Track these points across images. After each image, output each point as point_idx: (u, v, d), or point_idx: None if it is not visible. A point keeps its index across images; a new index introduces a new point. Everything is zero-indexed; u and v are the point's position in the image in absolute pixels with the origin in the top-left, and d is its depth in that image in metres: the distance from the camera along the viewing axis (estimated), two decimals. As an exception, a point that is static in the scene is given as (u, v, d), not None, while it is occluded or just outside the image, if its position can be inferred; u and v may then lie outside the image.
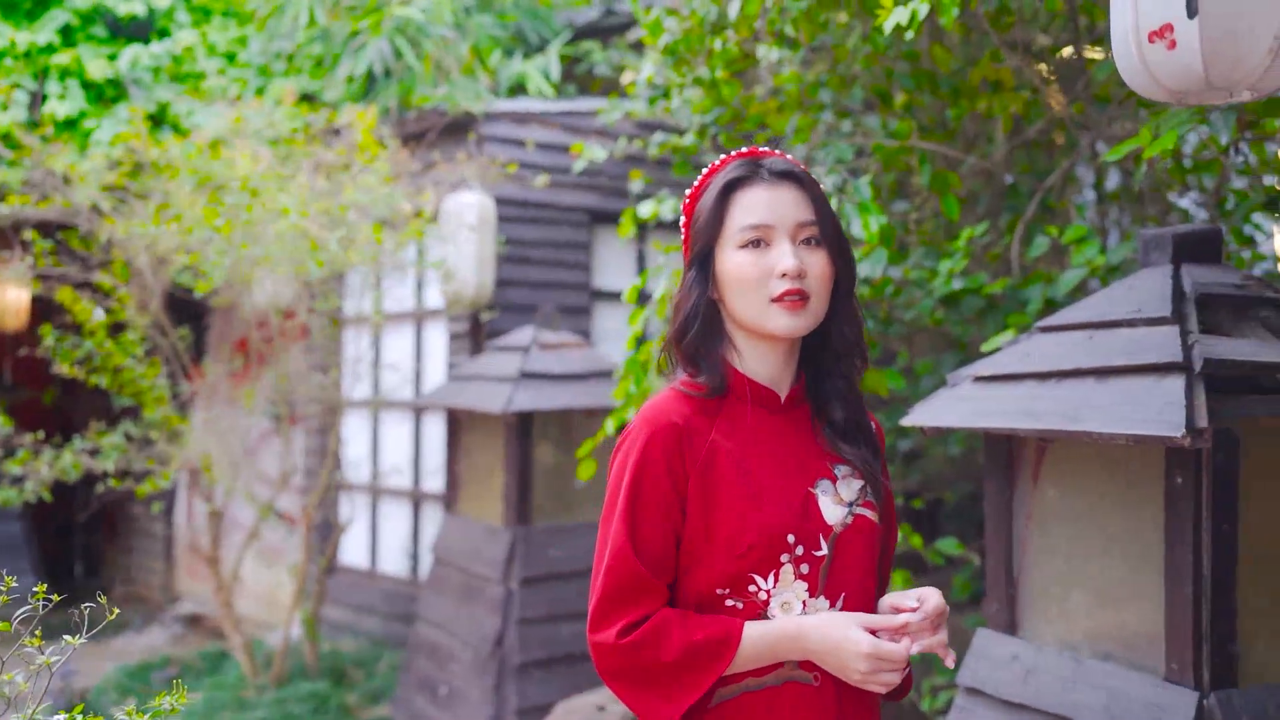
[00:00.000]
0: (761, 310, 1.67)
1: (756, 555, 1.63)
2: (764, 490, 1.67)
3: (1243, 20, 1.54)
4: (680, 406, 1.70)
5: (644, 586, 1.63)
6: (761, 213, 1.68)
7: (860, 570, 1.71)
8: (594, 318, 6.62)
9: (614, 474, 1.71)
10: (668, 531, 1.66)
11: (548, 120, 6.40)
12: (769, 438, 1.72)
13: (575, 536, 5.28)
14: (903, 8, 3.12)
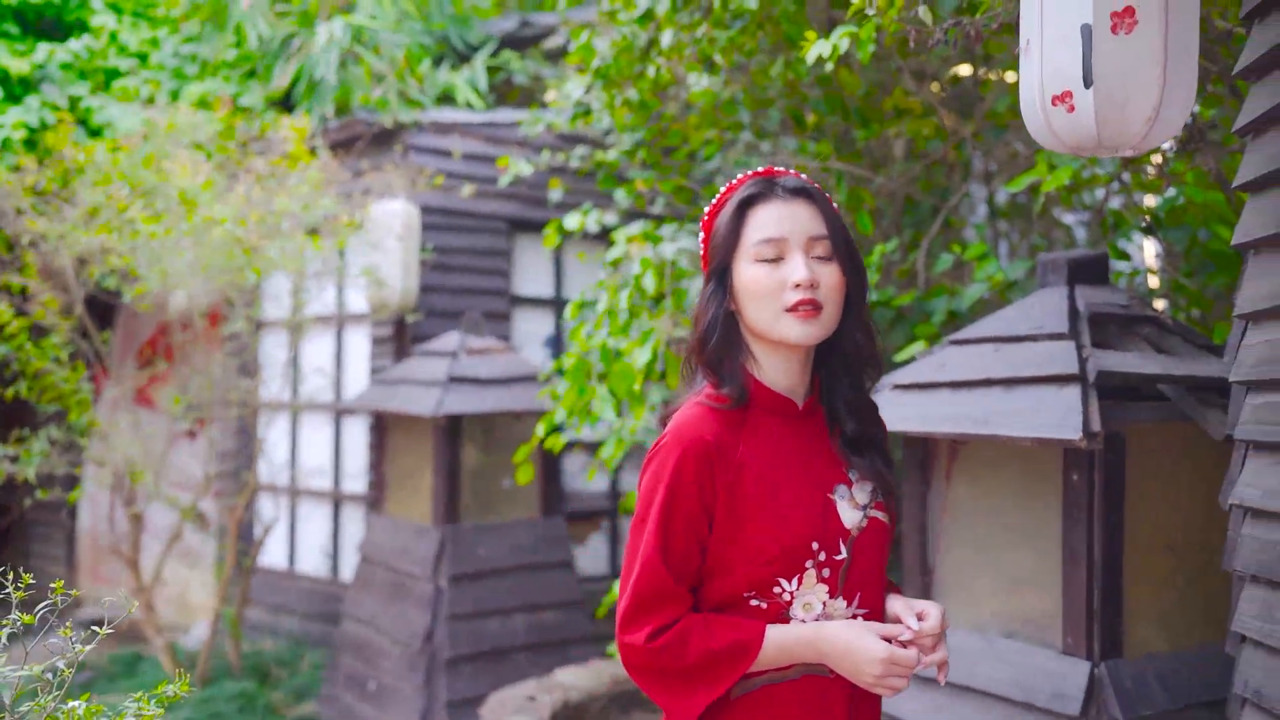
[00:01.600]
0: (776, 320, 1.74)
1: (781, 564, 1.72)
2: (789, 501, 1.74)
3: (1128, 93, 1.83)
4: (709, 423, 1.76)
5: (671, 594, 1.72)
6: (775, 227, 1.75)
7: (875, 570, 1.80)
8: (513, 323, 6.81)
9: (645, 486, 1.77)
10: (695, 544, 1.73)
11: (470, 131, 6.56)
12: (790, 447, 1.79)
13: (501, 535, 5.48)
14: (824, 41, 3.40)
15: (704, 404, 1.79)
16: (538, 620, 5.48)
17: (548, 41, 7.66)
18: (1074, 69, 1.83)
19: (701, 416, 1.77)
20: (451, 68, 7.47)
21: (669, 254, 4.36)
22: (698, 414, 1.77)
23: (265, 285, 6.59)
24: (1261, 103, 2.08)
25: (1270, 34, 2.06)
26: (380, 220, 5.88)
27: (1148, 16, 1.79)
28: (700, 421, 1.76)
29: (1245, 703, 2.14)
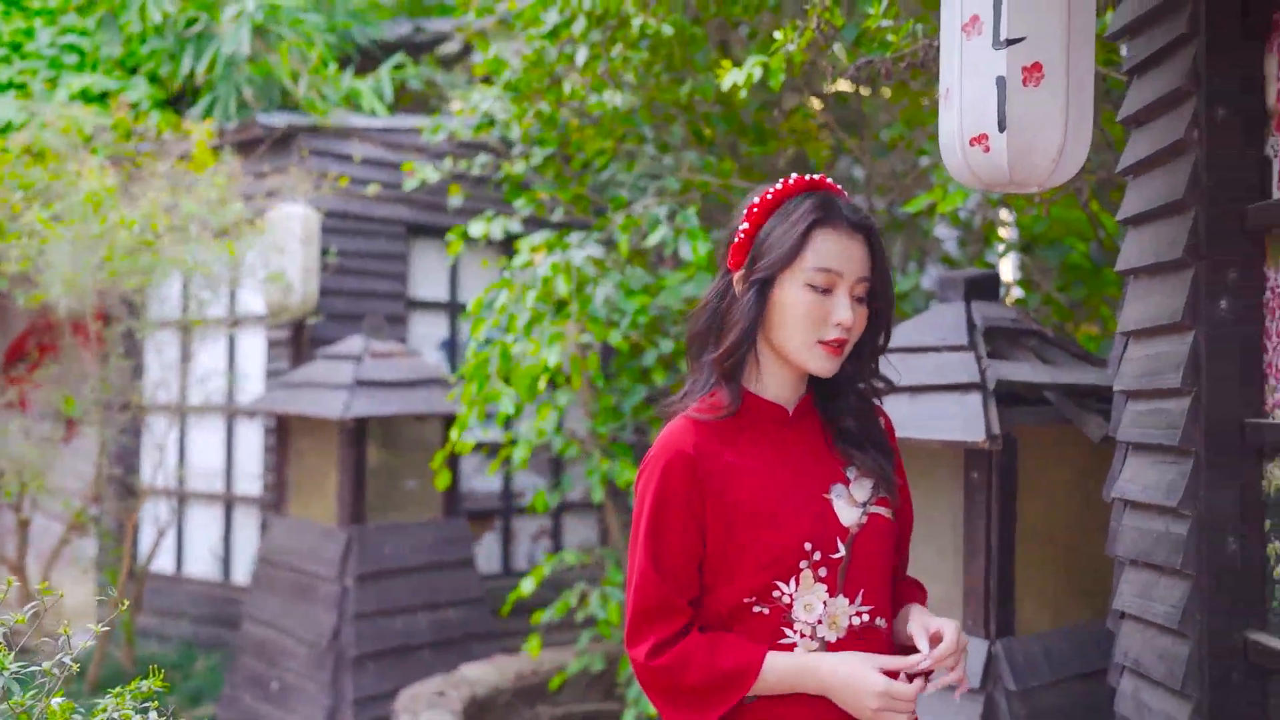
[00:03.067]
0: (808, 348, 1.74)
1: (777, 569, 1.71)
2: (780, 505, 1.74)
3: (1037, 136, 2.08)
4: (691, 434, 1.76)
5: (668, 606, 1.73)
6: (836, 260, 1.72)
7: (878, 567, 1.79)
8: (410, 326, 6.89)
9: (636, 502, 1.80)
10: (688, 555, 1.74)
11: (370, 136, 6.63)
12: (781, 451, 1.79)
13: (406, 535, 5.58)
14: (738, 70, 3.63)
15: (691, 416, 1.78)
16: (441, 618, 5.60)
17: (441, 48, 7.76)
18: (990, 115, 2.08)
19: (684, 428, 1.77)
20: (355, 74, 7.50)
21: (578, 260, 4.52)
22: (680, 426, 1.77)
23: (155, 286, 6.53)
24: (1141, 148, 2.39)
25: (1148, 89, 2.36)
26: (282, 223, 5.91)
27: (1053, 71, 2.05)
28: (682, 434, 1.76)
29: (1124, 670, 2.44)
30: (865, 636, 1.76)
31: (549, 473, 7.30)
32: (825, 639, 1.73)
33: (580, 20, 4.39)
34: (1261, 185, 2.13)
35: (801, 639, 1.72)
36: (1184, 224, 2.19)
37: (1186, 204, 2.18)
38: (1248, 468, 2.12)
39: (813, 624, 1.73)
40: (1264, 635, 2.08)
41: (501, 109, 5.15)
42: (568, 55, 4.61)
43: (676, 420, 1.79)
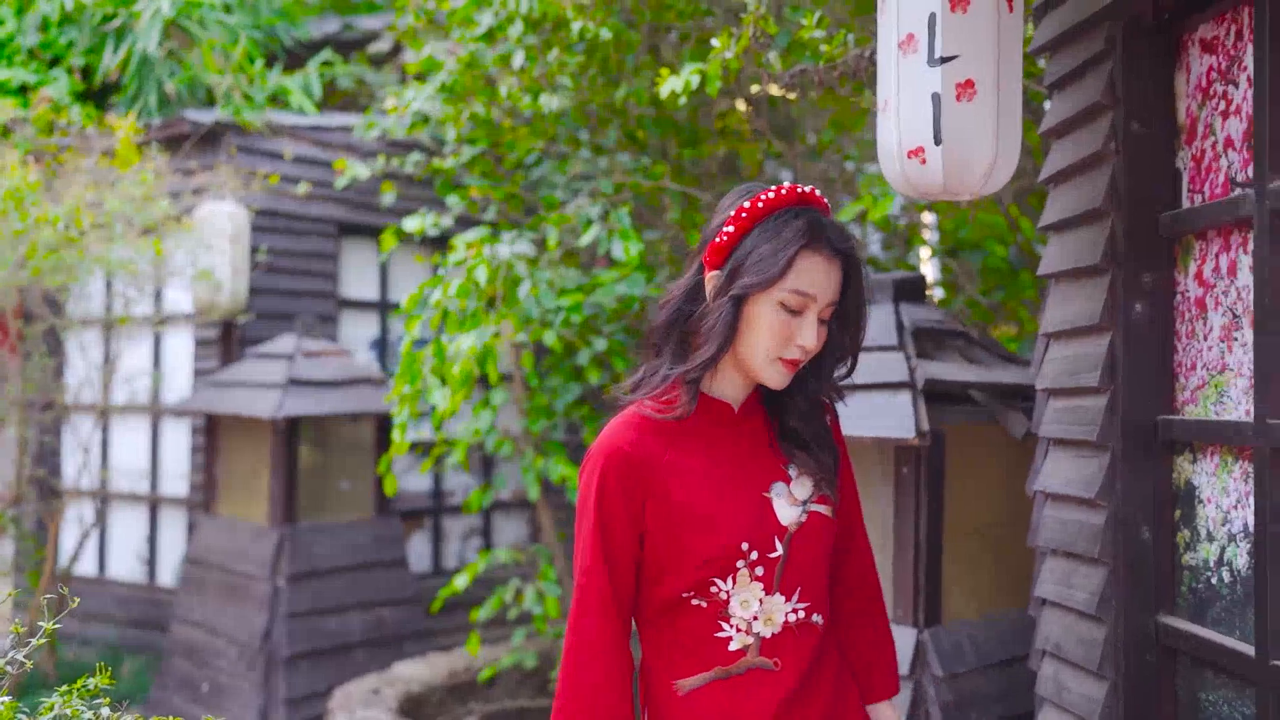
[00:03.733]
0: (766, 363, 1.75)
1: (714, 567, 1.73)
2: (719, 504, 1.75)
3: (970, 149, 2.20)
4: (633, 432, 1.76)
5: (604, 600, 1.74)
6: (812, 285, 1.72)
7: (815, 564, 1.80)
8: (340, 326, 6.87)
9: (580, 495, 1.81)
10: (626, 550, 1.75)
11: (300, 134, 6.59)
12: (724, 450, 1.80)
13: (338, 534, 5.58)
14: (677, 78, 3.71)
15: (638, 411, 1.78)
16: (374, 617, 5.60)
17: (371, 46, 7.73)
18: (926, 129, 2.18)
19: (626, 425, 1.77)
20: (284, 70, 7.44)
21: (504, 255, 4.53)
22: (621, 423, 1.78)
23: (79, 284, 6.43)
24: (1061, 159, 2.52)
25: (1067, 103, 2.49)
26: (210, 221, 5.86)
27: (984, 88, 2.16)
28: (624, 431, 1.77)
29: (1045, 654, 2.57)
30: (799, 632, 1.78)
31: (479, 472, 7.32)
32: (761, 634, 1.76)
33: (517, 23, 4.44)
34: (1173, 195, 2.26)
35: (737, 633, 1.75)
36: (1102, 231, 2.32)
37: (1104, 212, 2.32)
38: (1160, 462, 2.26)
39: (749, 620, 1.75)
40: (1173, 618, 2.22)
41: (435, 108, 5.18)
42: (503, 57, 4.66)
43: (622, 415, 1.80)
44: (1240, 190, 2.04)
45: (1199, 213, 2.15)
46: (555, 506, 6.23)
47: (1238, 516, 2.05)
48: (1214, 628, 2.10)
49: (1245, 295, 2.03)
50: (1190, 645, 2.14)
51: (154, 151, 5.87)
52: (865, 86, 3.89)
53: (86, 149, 5.68)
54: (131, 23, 6.64)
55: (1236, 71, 2.07)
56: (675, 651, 1.78)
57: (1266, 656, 1.87)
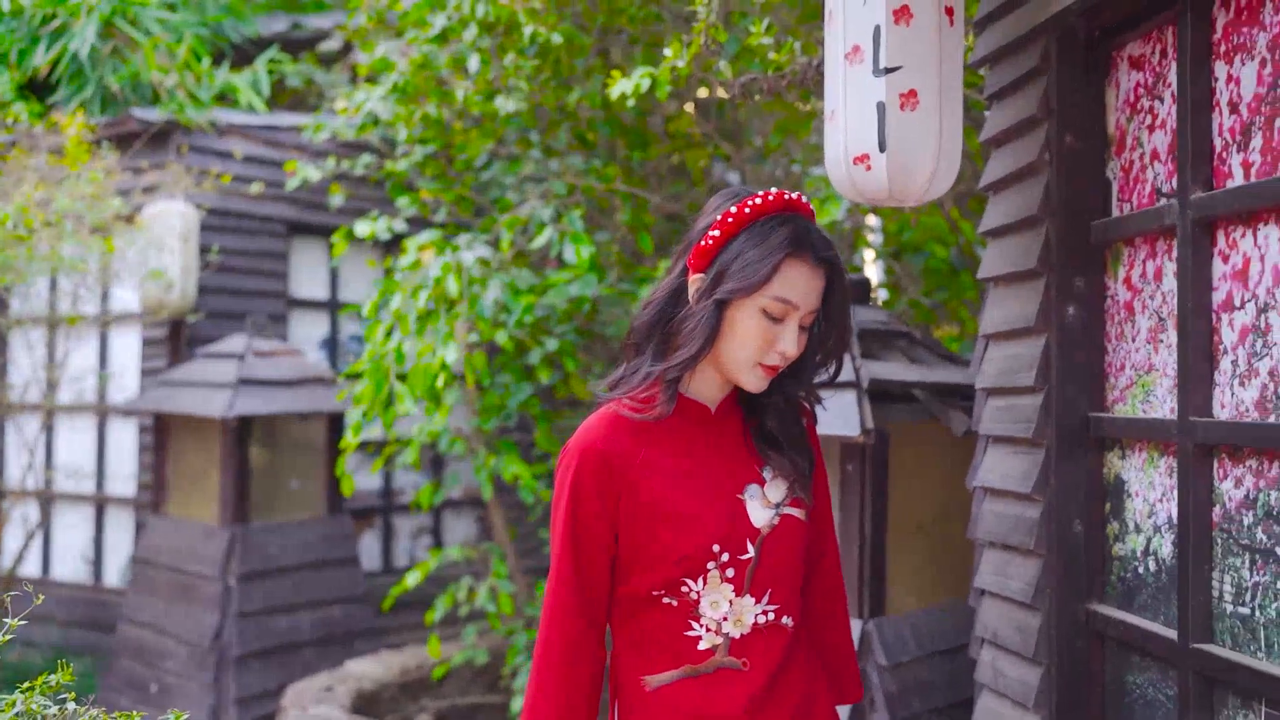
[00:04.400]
0: (746, 367, 1.75)
1: (685, 567, 1.73)
2: (691, 505, 1.75)
3: (913, 157, 2.29)
4: (608, 429, 1.77)
5: (572, 601, 1.76)
6: (795, 293, 1.72)
7: (787, 567, 1.80)
8: (290, 326, 6.86)
9: (554, 496, 1.81)
10: (598, 547, 1.77)
11: (250, 133, 6.58)
12: (698, 450, 1.80)
13: (289, 533, 5.59)
14: (627, 81, 3.78)
15: (615, 410, 1.79)
16: (325, 615, 5.62)
17: (321, 45, 7.72)
18: (871, 137, 2.27)
19: (602, 423, 1.78)
20: (231, 68, 7.41)
21: (468, 261, 4.61)
22: (597, 421, 1.79)
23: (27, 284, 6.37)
24: (1000, 167, 2.62)
25: (1005, 114, 2.60)
26: (160, 220, 5.84)
27: (927, 98, 2.26)
28: (597, 429, 1.78)
29: (984, 642, 2.68)
30: (768, 634, 1.79)
31: (429, 470, 7.35)
32: (730, 635, 1.76)
33: (471, 27, 4.49)
34: (1103, 204, 2.37)
35: (707, 633, 1.75)
36: (1037, 237, 2.43)
37: (1039, 219, 2.42)
38: (1091, 457, 2.37)
39: (718, 620, 1.75)
40: (1103, 606, 2.33)
41: (386, 109, 5.21)
42: (456, 59, 4.70)
43: (598, 413, 1.81)
44: (1165, 200, 2.15)
45: (1127, 221, 2.26)
46: (507, 505, 6.28)
47: (1163, 509, 2.16)
48: (1140, 614, 2.22)
49: (1169, 300, 2.14)
50: (1118, 631, 2.25)
51: (104, 150, 5.84)
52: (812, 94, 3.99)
53: (34, 147, 5.63)
54: (71, 22, 6.59)
55: (1161, 87, 2.19)
56: (645, 647, 1.79)
57: (1187, 640, 1.98)
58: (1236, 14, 1.96)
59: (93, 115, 6.53)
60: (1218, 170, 2.01)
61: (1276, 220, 1.85)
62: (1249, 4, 1.93)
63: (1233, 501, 1.94)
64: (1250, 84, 1.92)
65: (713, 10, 3.39)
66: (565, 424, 5.91)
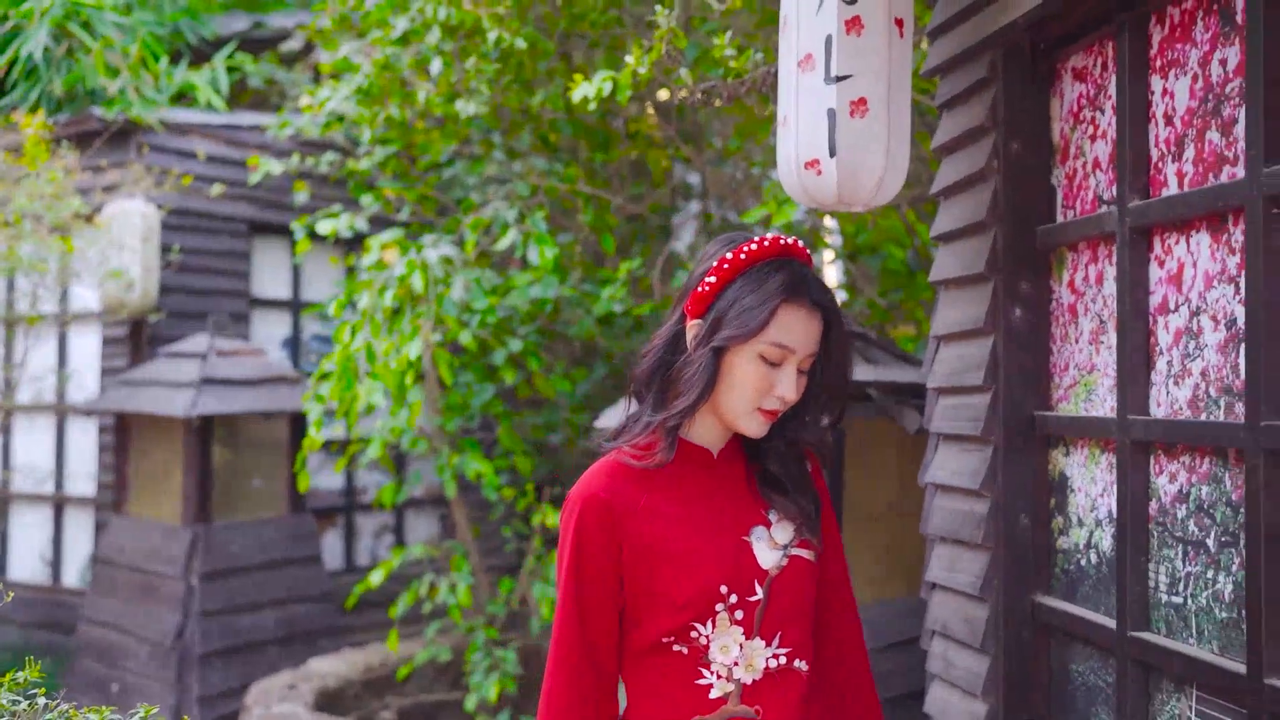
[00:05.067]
0: (746, 413, 1.75)
1: (693, 611, 1.71)
2: (697, 548, 1.74)
3: (862, 162, 2.36)
4: (610, 478, 1.77)
5: (576, 652, 1.75)
6: (792, 338, 1.73)
7: (797, 609, 1.78)
8: (252, 325, 6.86)
9: (559, 544, 1.80)
10: (605, 598, 1.75)
11: (210, 132, 6.57)
12: (702, 494, 1.80)
13: (251, 532, 5.60)
14: (589, 84, 3.84)
15: (616, 458, 1.79)
16: (288, 614, 5.64)
17: (283, 45, 7.71)
18: (822, 143, 2.35)
19: (604, 471, 1.78)
20: (190, 66, 7.39)
21: (432, 259, 4.65)
22: (599, 469, 1.79)
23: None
24: (950, 174, 2.71)
25: (955, 123, 2.69)
26: (121, 220, 5.83)
27: (876, 105, 2.33)
28: (599, 477, 1.77)
29: (934, 634, 2.76)
30: (781, 679, 1.75)
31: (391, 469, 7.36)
32: (741, 680, 1.73)
33: (434, 30, 4.53)
34: (1049, 210, 2.46)
35: (718, 680, 1.73)
36: (985, 242, 2.51)
37: (987, 225, 2.51)
38: (1037, 454, 2.46)
39: (729, 665, 1.73)
40: (1048, 598, 2.42)
41: (350, 109, 5.24)
42: (419, 60, 4.74)
43: (600, 461, 1.81)
44: (1105, 207, 2.24)
45: (1070, 227, 2.35)
46: (470, 503, 6.32)
47: (1104, 503, 2.25)
48: (1082, 605, 2.30)
49: (1110, 303, 2.23)
50: (1062, 621, 2.34)
51: (63, 149, 5.82)
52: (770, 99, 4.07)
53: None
54: (24, 24, 6.55)
55: (1102, 99, 2.28)
56: (656, 699, 1.76)
57: (1125, 628, 2.07)
58: (1171, 30, 2.05)
59: (50, 116, 6.49)
60: (1154, 179, 2.10)
61: (1207, 227, 1.94)
62: (1182, 21, 2.02)
63: (1167, 496, 2.03)
64: (1184, 98, 2.01)
65: (673, 17, 3.46)
66: (528, 423, 5.96)
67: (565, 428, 5.90)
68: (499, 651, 4.94)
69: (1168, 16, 2.06)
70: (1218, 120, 1.92)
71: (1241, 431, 1.78)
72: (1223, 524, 1.89)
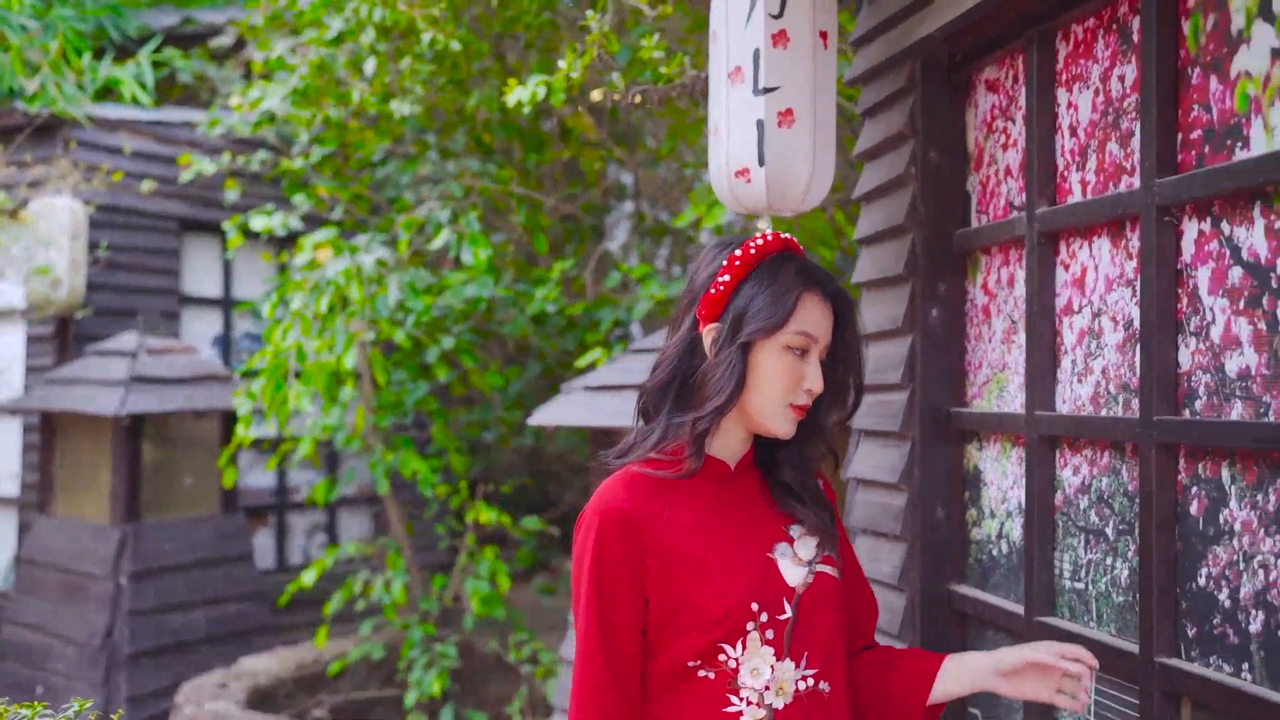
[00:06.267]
0: (778, 411, 1.72)
1: (724, 628, 1.63)
2: (723, 563, 1.67)
3: (789, 171, 2.46)
4: (630, 491, 1.69)
5: (608, 674, 1.65)
6: (815, 325, 1.71)
7: (826, 627, 1.72)
8: (183, 323, 6.81)
9: (575, 563, 1.71)
10: (631, 616, 1.66)
11: (139, 129, 6.51)
12: (722, 508, 1.73)
13: (182, 531, 5.57)
14: (523, 88, 3.90)
15: (631, 470, 1.72)
16: (220, 613, 5.62)
17: (213, 40, 7.65)
18: (751, 152, 2.44)
19: (622, 484, 1.71)
20: (115, 61, 7.30)
21: (367, 264, 4.69)
22: (616, 482, 1.72)
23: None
24: (872, 179, 2.81)
25: (877, 130, 2.79)
26: (47, 216, 5.76)
27: (802, 117, 2.43)
28: (616, 489, 1.70)
29: (857, 624, 2.87)
30: (811, 702, 1.68)
31: (325, 468, 7.36)
32: (773, 706, 1.65)
33: (369, 31, 4.55)
34: (964, 215, 2.57)
35: (749, 707, 1.64)
36: (904, 245, 2.62)
37: (905, 229, 2.61)
38: (953, 449, 2.57)
39: (760, 690, 1.64)
40: (963, 586, 2.53)
41: (283, 108, 5.24)
42: (353, 61, 4.76)
43: (616, 474, 1.74)
44: (1016, 213, 2.36)
45: (984, 232, 2.46)
46: (403, 501, 6.34)
47: (1014, 495, 2.36)
48: (994, 592, 2.42)
49: (1020, 304, 2.35)
50: (976, 609, 2.45)
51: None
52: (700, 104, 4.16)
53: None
54: None
55: (1014, 109, 2.39)
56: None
57: (1032, 614, 2.19)
58: (1075, 46, 2.17)
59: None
60: (1060, 187, 2.21)
61: (1108, 233, 2.06)
62: (1085, 38, 2.14)
63: (1071, 487, 2.15)
64: (1087, 111, 2.13)
65: (605, 21, 3.53)
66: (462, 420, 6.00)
67: (499, 426, 5.95)
68: (438, 646, 4.98)
69: (1072, 33, 2.18)
70: (1117, 133, 2.04)
71: (1136, 426, 1.89)
72: (1120, 513, 2.00)
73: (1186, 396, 1.84)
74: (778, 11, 2.39)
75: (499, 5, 4.57)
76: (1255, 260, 1.70)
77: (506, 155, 5.72)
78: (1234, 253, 1.74)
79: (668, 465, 1.72)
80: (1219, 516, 1.76)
